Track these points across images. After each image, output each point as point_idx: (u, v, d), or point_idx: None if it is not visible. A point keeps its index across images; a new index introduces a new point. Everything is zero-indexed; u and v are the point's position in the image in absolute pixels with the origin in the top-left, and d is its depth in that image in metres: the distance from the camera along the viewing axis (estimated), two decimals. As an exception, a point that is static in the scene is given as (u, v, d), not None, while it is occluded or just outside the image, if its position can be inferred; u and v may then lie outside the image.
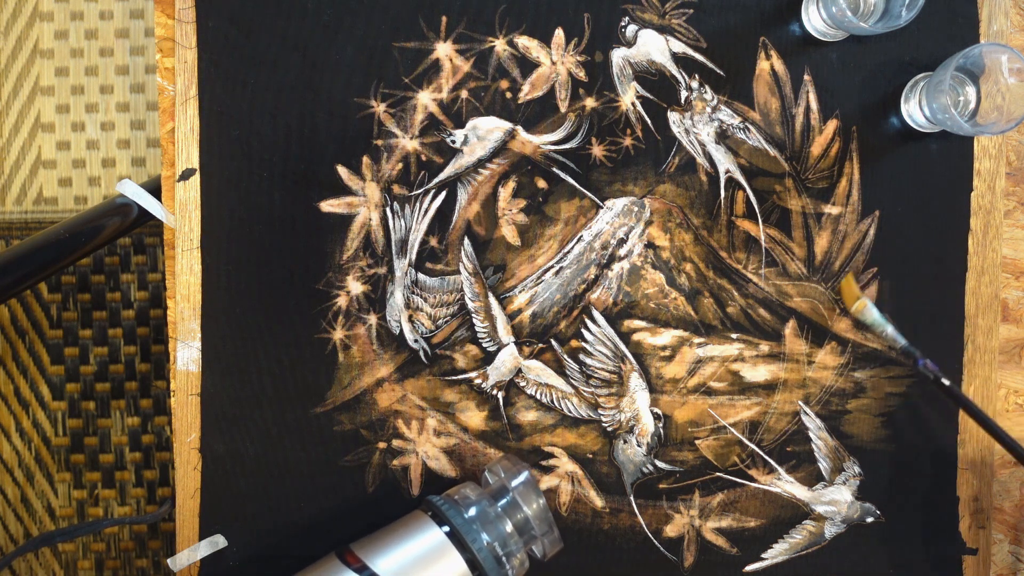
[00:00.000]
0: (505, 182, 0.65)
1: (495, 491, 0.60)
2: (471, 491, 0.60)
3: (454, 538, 0.57)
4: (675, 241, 0.65)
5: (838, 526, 0.66)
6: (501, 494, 0.59)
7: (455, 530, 0.57)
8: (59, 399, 1.13)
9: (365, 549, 0.57)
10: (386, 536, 0.58)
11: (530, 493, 0.59)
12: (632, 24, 0.64)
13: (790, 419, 0.66)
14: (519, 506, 0.59)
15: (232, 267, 0.64)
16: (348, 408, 0.64)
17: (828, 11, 0.61)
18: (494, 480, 0.61)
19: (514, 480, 0.60)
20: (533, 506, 0.59)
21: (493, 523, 0.58)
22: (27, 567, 1.14)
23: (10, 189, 1.16)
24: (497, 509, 0.59)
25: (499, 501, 0.59)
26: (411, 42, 0.64)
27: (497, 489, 0.60)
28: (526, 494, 0.59)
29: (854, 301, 0.63)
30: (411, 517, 0.59)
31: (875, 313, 0.62)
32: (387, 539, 0.58)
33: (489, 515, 0.58)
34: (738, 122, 0.65)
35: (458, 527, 0.57)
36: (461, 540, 0.57)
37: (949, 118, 0.60)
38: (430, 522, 0.58)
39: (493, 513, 0.58)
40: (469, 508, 0.58)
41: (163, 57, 0.63)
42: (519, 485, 0.59)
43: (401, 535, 0.58)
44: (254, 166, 0.63)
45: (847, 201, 0.65)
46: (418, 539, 0.57)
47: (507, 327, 0.65)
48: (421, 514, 0.59)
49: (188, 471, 0.64)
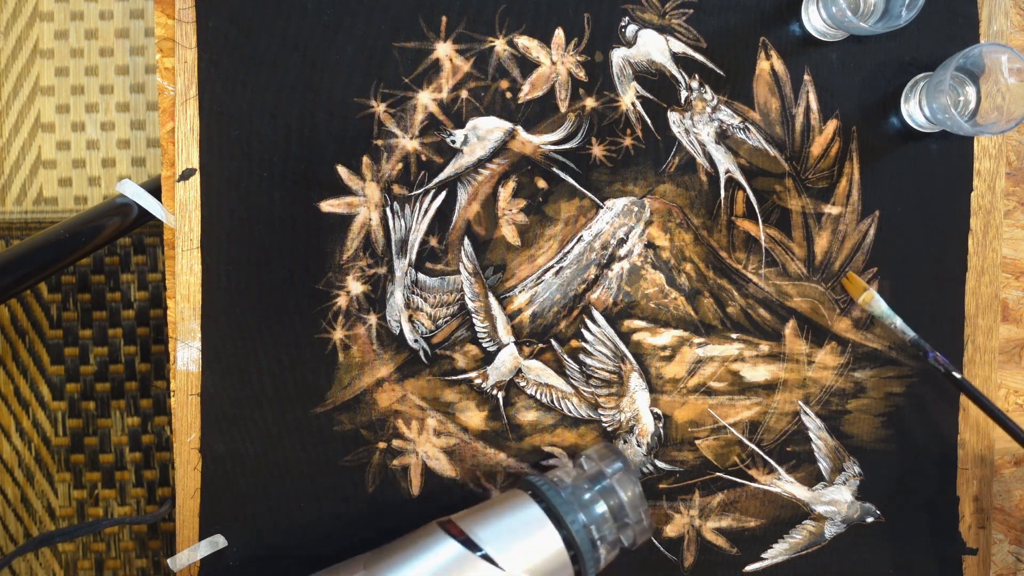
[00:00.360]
0: (505, 182, 0.65)
1: (592, 476, 0.60)
2: (567, 474, 0.60)
3: (551, 515, 0.58)
4: (675, 241, 0.65)
5: (838, 526, 0.66)
6: (598, 479, 0.60)
7: (553, 508, 0.58)
8: (59, 399, 1.13)
9: (466, 521, 0.58)
10: (486, 510, 0.59)
11: (627, 481, 0.60)
12: (632, 24, 0.64)
13: (790, 419, 0.66)
14: (615, 492, 0.59)
15: (232, 267, 0.64)
16: (348, 408, 0.64)
17: (828, 11, 0.61)
18: (590, 466, 0.61)
19: (611, 466, 0.60)
20: (629, 493, 0.59)
21: (588, 506, 0.58)
22: (27, 567, 1.14)
23: (10, 189, 1.16)
24: (594, 492, 0.59)
25: (596, 486, 0.60)
26: (411, 42, 0.64)
27: (594, 474, 0.60)
28: (623, 481, 0.60)
29: (861, 292, 0.63)
30: (510, 494, 0.60)
31: (883, 305, 0.62)
32: (487, 513, 0.58)
33: (585, 497, 0.59)
34: (738, 122, 0.65)
35: (556, 505, 0.58)
36: (558, 517, 0.57)
37: (949, 118, 0.60)
38: (528, 499, 0.58)
39: (589, 496, 0.59)
40: (567, 489, 0.59)
41: (163, 57, 0.63)
42: (616, 472, 0.60)
43: (500, 510, 0.58)
44: (254, 166, 0.63)
45: (847, 201, 0.65)
46: (517, 514, 0.58)
47: (507, 327, 0.65)
48: (520, 491, 0.59)
49: (188, 471, 0.64)
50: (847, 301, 0.66)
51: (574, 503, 0.58)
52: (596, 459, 0.61)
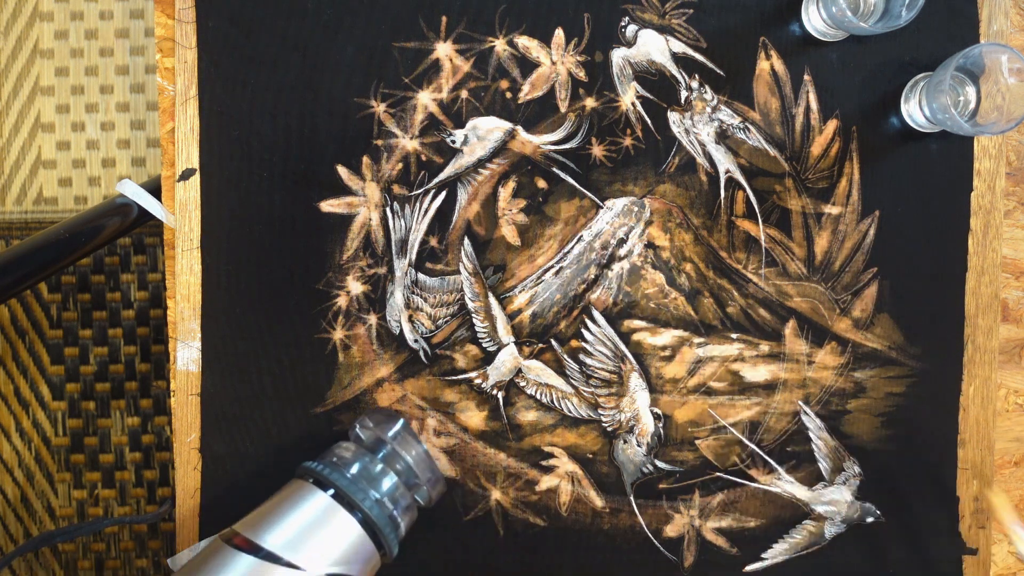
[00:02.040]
0: (505, 182, 0.65)
1: (371, 445, 0.58)
2: (346, 450, 0.58)
3: (342, 500, 0.55)
4: (675, 241, 0.65)
5: (838, 526, 0.66)
6: (378, 447, 0.58)
7: (341, 492, 0.55)
8: (59, 399, 1.13)
9: (253, 529, 0.54)
10: (272, 511, 0.55)
11: (408, 440, 0.58)
12: (632, 24, 0.64)
13: (790, 419, 0.66)
14: (399, 456, 0.57)
15: (232, 267, 0.64)
16: (348, 408, 0.64)
17: (828, 11, 0.61)
18: (367, 435, 0.59)
19: (389, 430, 0.58)
20: (413, 453, 0.57)
21: (377, 479, 0.56)
22: (27, 567, 1.14)
23: (10, 189, 1.16)
24: (378, 463, 0.57)
25: (378, 455, 0.57)
26: (411, 42, 0.64)
27: (372, 443, 0.58)
28: (404, 442, 0.58)
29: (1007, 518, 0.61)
30: (293, 487, 0.57)
31: None
32: (273, 514, 0.55)
33: (372, 470, 0.56)
34: (738, 122, 0.65)
35: (343, 488, 0.55)
36: (350, 501, 0.55)
37: (949, 118, 0.60)
38: (313, 488, 0.55)
39: (375, 468, 0.57)
40: (350, 467, 0.56)
41: (163, 57, 0.63)
42: (396, 435, 0.58)
43: (287, 508, 0.55)
44: (254, 166, 0.63)
45: (847, 201, 0.65)
46: (305, 508, 0.55)
47: (507, 327, 0.65)
48: (302, 482, 0.57)
49: (188, 471, 0.64)
50: (847, 301, 0.66)
51: (361, 480, 0.55)
52: (371, 426, 0.59)
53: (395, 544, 0.57)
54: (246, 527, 0.55)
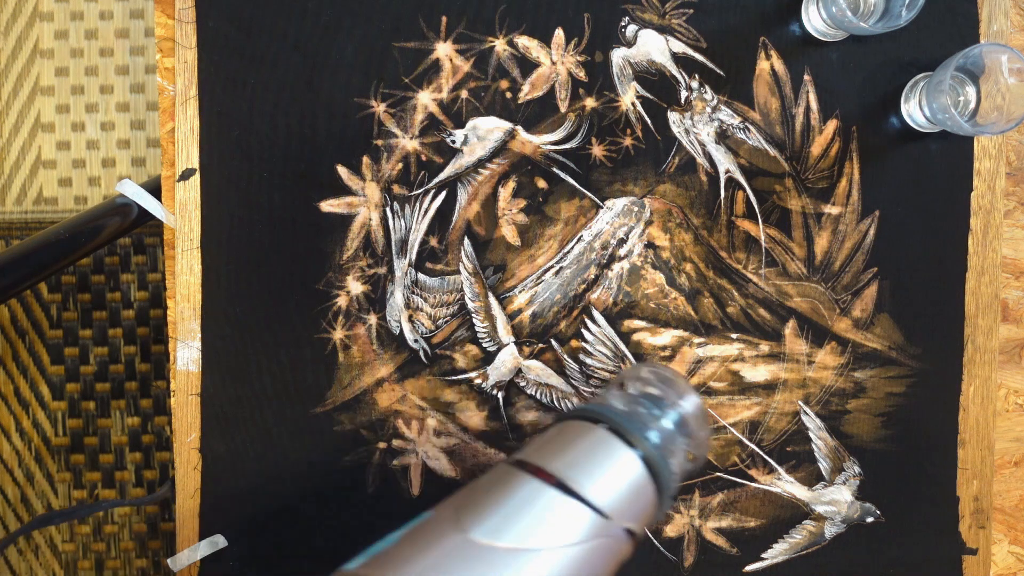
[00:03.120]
0: (505, 182, 0.65)
1: (643, 396, 0.55)
2: (617, 399, 0.55)
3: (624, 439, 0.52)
4: (675, 241, 0.65)
5: (838, 526, 0.66)
6: (653, 398, 0.55)
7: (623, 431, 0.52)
8: (59, 399, 1.13)
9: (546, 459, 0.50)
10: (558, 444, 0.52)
11: (686, 393, 0.55)
12: (632, 24, 0.64)
13: (790, 419, 0.66)
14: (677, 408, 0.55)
15: (232, 267, 0.64)
16: (348, 408, 0.64)
17: (828, 11, 0.61)
18: (636, 387, 0.56)
19: (661, 384, 0.56)
20: (691, 407, 0.55)
21: (652, 424, 0.53)
22: (27, 567, 1.14)
23: (10, 189, 1.16)
24: (652, 411, 0.54)
25: (652, 405, 0.55)
26: (411, 42, 0.64)
27: (645, 394, 0.55)
28: (682, 395, 0.55)
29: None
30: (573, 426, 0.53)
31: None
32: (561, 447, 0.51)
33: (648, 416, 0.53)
34: (738, 122, 0.65)
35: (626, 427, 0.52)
36: (630, 440, 0.51)
37: (949, 118, 0.60)
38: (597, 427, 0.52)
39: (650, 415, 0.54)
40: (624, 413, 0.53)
41: (163, 57, 0.63)
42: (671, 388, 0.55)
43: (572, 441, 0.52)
44: (254, 166, 0.63)
45: (847, 201, 0.65)
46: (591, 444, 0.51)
47: (507, 327, 0.65)
48: (583, 423, 0.53)
49: (188, 471, 0.64)
50: (847, 301, 0.66)
51: (639, 424, 0.53)
52: (642, 379, 0.56)
53: (668, 500, 0.53)
54: (536, 457, 0.51)
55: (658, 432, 0.53)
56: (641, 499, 0.51)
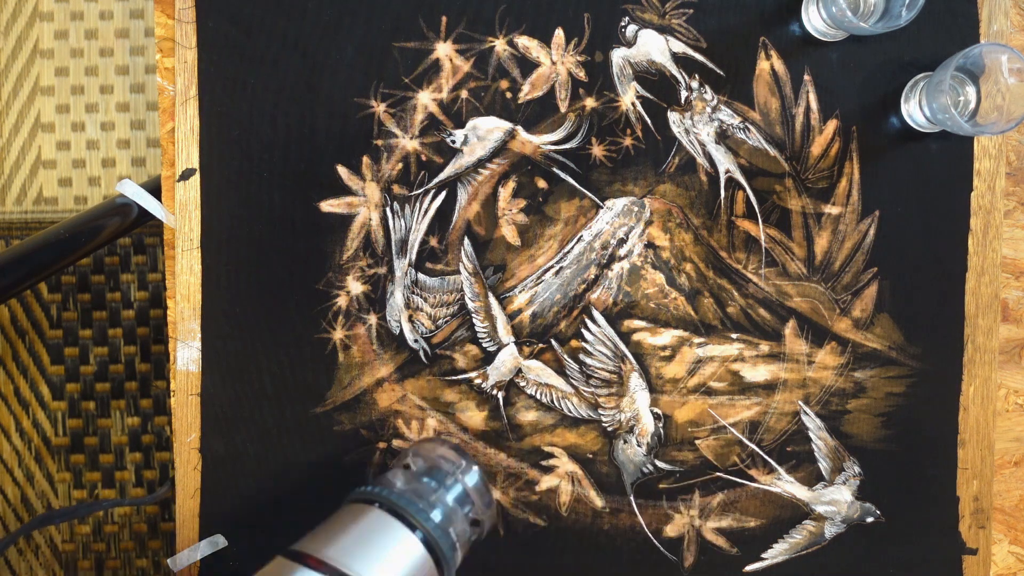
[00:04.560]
0: (505, 182, 0.65)
1: (424, 472, 0.57)
2: (397, 477, 0.57)
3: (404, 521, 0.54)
4: (675, 241, 0.65)
5: (838, 526, 0.66)
6: (433, 473, 0.57)
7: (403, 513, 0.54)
8: (59, 399, 1.13)
9: (321, 549, 0.52)
10: (333, 531, 0.54)
11: (467, 468, 0.58)
12: (632, 24, 0.64)
13: (790, 419, 0.66)
14: (458, 483, 0.57)
15: (232, 267, 0.64)
16: (348, 408, 0.64)
17: (828, 11, 0.61)
18: (418, 463, 0.58)
19: (442, 458, 0.58)
20: (468, 480, 0.57)
21: (435, 504, 0.55)
22: (27, 567, 1.14)
23: (10, 189, 1.16)
24: (434, 489, 0.56)
25: (432, 481, 0.57)
26: (411, 42, 0.64)
27: (425, 470, 0.58)
28: (464, 469, 0.58)
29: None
30: (355, 509, 0.55)
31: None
32: (339, 534, 0.53)
33: (430, 496, 0.56)
34: (738, 122, 0.65)
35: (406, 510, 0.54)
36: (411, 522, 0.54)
37: (949, 118, 0.60)
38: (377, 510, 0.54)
39: (432, 493, 0.56)
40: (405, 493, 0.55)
41: (163, 57, 0.63)
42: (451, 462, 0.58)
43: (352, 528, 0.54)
44: (254, 166, 0.63)
45: (847, 201, 0.65)
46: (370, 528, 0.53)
47: (507, 327, 0.65)
48: (364, 505, 0.55)
49: (188, 471, 0.64)
50: (847, 301, 0.66)
51: (418, 502, 0.55)
52: (422, 454, 0.58)
53: (452, 570, 0.55)
54: (313, 546, 0.53)
55: (437, 507, 0.55)
56: (420, 574, 0.53)
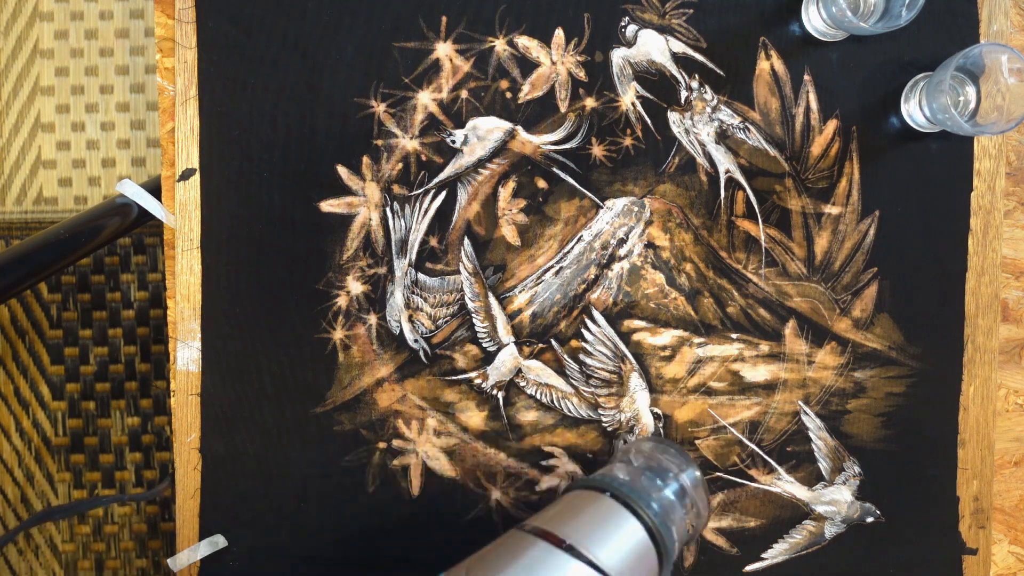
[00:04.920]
0: (505, 182, 0.65)
1: (646, 467, 0.59)
2: (622, 470, 0.59)
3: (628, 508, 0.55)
4: (675, 241, 0.65)
5: (838, 526, 0.66)
6: (655, 469, 0.59)
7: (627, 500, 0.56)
8: (59, 399, 1.13)
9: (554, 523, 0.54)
10: (569, 511, 0.56)
11: (686, 466, 0.59)
12: (632, 24, 0.64)
13: (790, 419, 0.66)
14: (677, 480, 0.59)
15: (232, 267, 0.64)
16: (348, 408, 0.64)
17: (828, 11, 0.61)
18: (639, 459, 0.60)
19: (664, 455, 0.59)
20: (690, 480, 0.59)
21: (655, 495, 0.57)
22: (27, 567, 1.14)
23: (10, 189, 1.16)
24: (655, 482, 0.58)
25: (655, 476, 0.58)
26: (411, 42, 0.64)
27: (647, 466, 0.59)
28: (682, 467, 0.59)
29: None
30: (581, 495, 0.57)
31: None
32: (570, 513, 0.55)
33: (651, 488, 0.57)
34: (738, 122, 0.65)
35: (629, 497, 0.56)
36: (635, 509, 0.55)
37: (949, 118, 0.60)
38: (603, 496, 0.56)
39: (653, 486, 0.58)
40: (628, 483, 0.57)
41: (163, 57, 0.63)
42: (673, 459, 0.59)
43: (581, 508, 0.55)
44: (254, 166, 0.63)
45: (847, 201, 0.65)
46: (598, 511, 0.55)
47: (507, 327, 0.65)
48: (590, 492, 0.57)
49: (188, 471, 0.64)
50: (847, 301, 0.66)
51: (643, 493, 0.56)
52: (644, 451, 0.60)
53: (670, 567, 0.57)
54: (547, 521, 0.55)
55: (659, 502, 0.57)
56: (644, 563, 0.54)
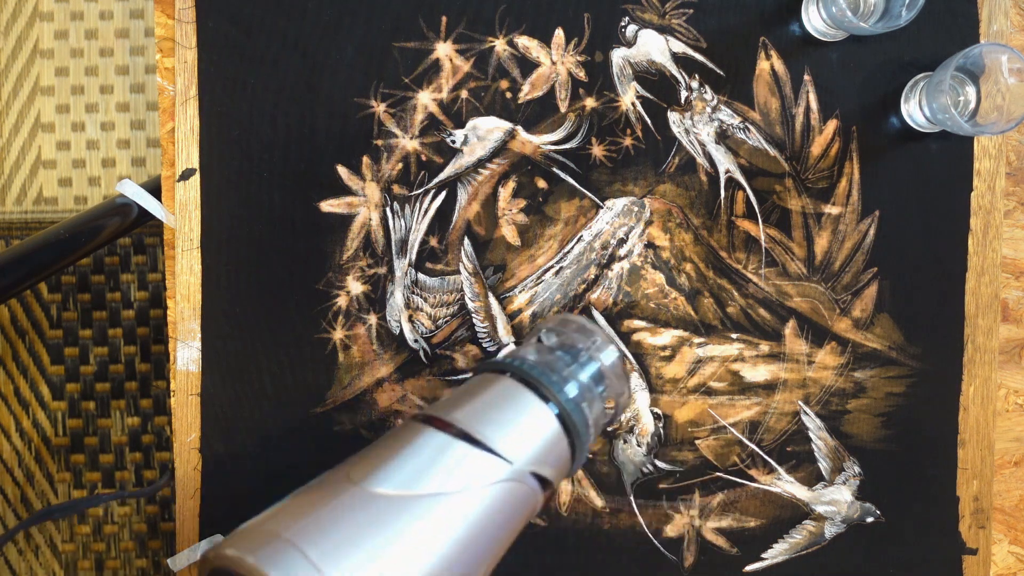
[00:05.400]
0: (505, 182, 0.65)
1: (559, 345, 0.54)
2: (531, 351, 0.53)
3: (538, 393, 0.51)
4: (675, 241, 0.65)
5: (838, 526, 0.66)
6: (569, 349, 0.53)
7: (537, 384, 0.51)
8: (59, 399, 1.13)
9: (452, 413, 0.49)
10: (468, 398, 0.50)
11: (603, 346, 0.54)
12: (632, 24, 0.64)
13: (790, 419, 0.66)
14: (593, 360, 0.53)
15: (232, 267, 0.64)
16: (348, 408, 0.64)
17: (828, 11, 0.61)
18: (550, 338, 0.55)
19: (576, 334, 0.54)
20: (608, 360, 0.53)
21: (569, 378, 0.52)
22: (27, 567, 1.14)
23: (10, 189, 1.16)
24: (569, 363, 0.53)
25: (567, 355, 0.53)
26: (411, 42, 0.64)
27: (559, 344, 0.54)
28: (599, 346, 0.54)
29: None
30: (486, 379, 0.52)
31: None
32: (470, 401, 0.50)
33: (564, 370, 0.52)
34: (738, 122, 0.65)
35: (540, 381, 0.50)
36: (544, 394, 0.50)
37: (949, 118, 0.60)
38: (510, 380, 0.51)
39: (567, 368, 0.52)
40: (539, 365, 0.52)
41: (163, 57, 0.63)
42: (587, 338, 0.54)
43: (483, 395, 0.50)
44: (254, 166, 0.63)
45: (847, 201, 0.65)
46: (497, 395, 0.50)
47: (507, 327, 0.65)
48: (497, 375, 0.52)
49: (188, 471, 0.64)
50: (847, 301, 0.66)
51: (553, 376, 0.51)
52: (556, 329, 0.55)
53: (585, 451, 0.52)
54: (444, 410, 0.50)
55: (570, 383, 0.52)
56: (552, 448, 0.50)
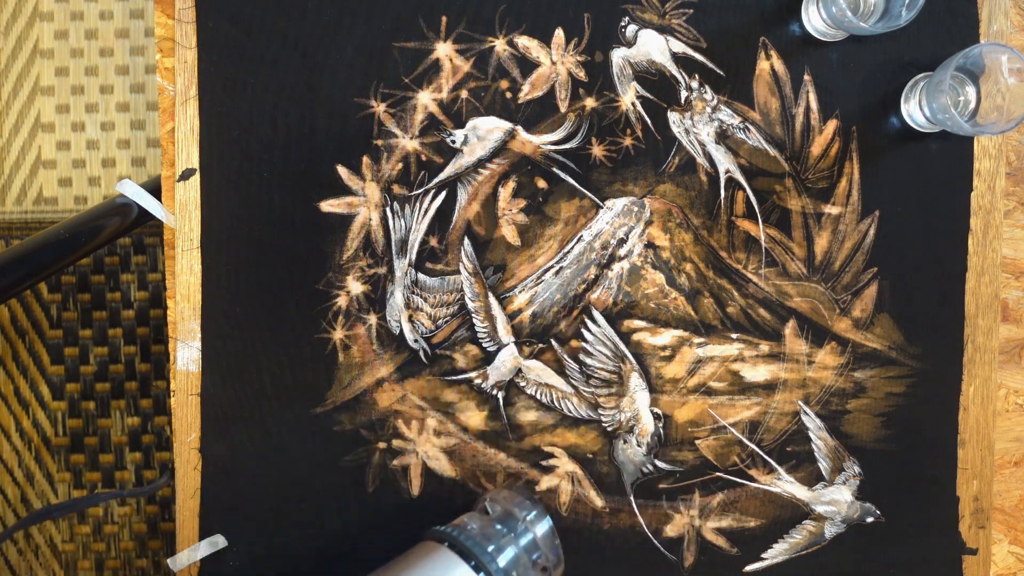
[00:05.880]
0: (505, 182, 0.65)
1: (500, 518, 0.60)
2: (474, 519, 0.59)
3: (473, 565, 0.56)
4: (675, 241, 0.65)
5: (838, 526, 0.66)
6: (507, 520, 0.60)
7: (473, 556, 0.56)
8: (59, 399, 1.13)
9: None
10: (406, 569, 0.57)
11: (539, 518, 0.60)
12: (632, 24, 0.64)
13: (790, 419, 0.66)
14: (527, 532, 0.60)
15: (232, 267, 0.64)
16: (348, 408, 0.64)
17: (828, 11, 0.61)
18: (495, 509, 0.61)
19: (518, 506, 0.60)
20: (541, 531, 0.60)
21: (504, 549, 0.58)
22: (27, 567, 1.14)
23: (10, 189, 1.16)
24: (506, 535, 0.59)
25: (506, 528, 0.59)
26: (411, 42, 0.64)
27: (501, 515, 0.60)
28: (535, 520, 0.60)
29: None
30: (426, 547, 0.58)
31: None
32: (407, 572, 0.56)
33: (500, 541, 0.58)
34: (738, 122, 0.65)
35: (476, 553, 0.57)
36: (480, 566, 0.56)
37: (949, 118, 0.60)
38: (447, 551, 0.57)
39: (503, 540, 0.58)
40: (477, 536, 0.58)
41: (163, 57, 0.63)
42: (525, 511, 0.60)
43: (422, 567, 0.56)
44: (254, 166, 0.63)
45: (847, 201, 0.65)
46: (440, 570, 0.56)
47: (507, 327, 0.65)
48: (436, 544, 0.58)
49: (188, 471, 0.64)
50: (847, 301, 0.66)
51: (488, 546, 0.57)
52: (501, 500, 0.61)
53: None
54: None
55: (505, 554, 0.57)
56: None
